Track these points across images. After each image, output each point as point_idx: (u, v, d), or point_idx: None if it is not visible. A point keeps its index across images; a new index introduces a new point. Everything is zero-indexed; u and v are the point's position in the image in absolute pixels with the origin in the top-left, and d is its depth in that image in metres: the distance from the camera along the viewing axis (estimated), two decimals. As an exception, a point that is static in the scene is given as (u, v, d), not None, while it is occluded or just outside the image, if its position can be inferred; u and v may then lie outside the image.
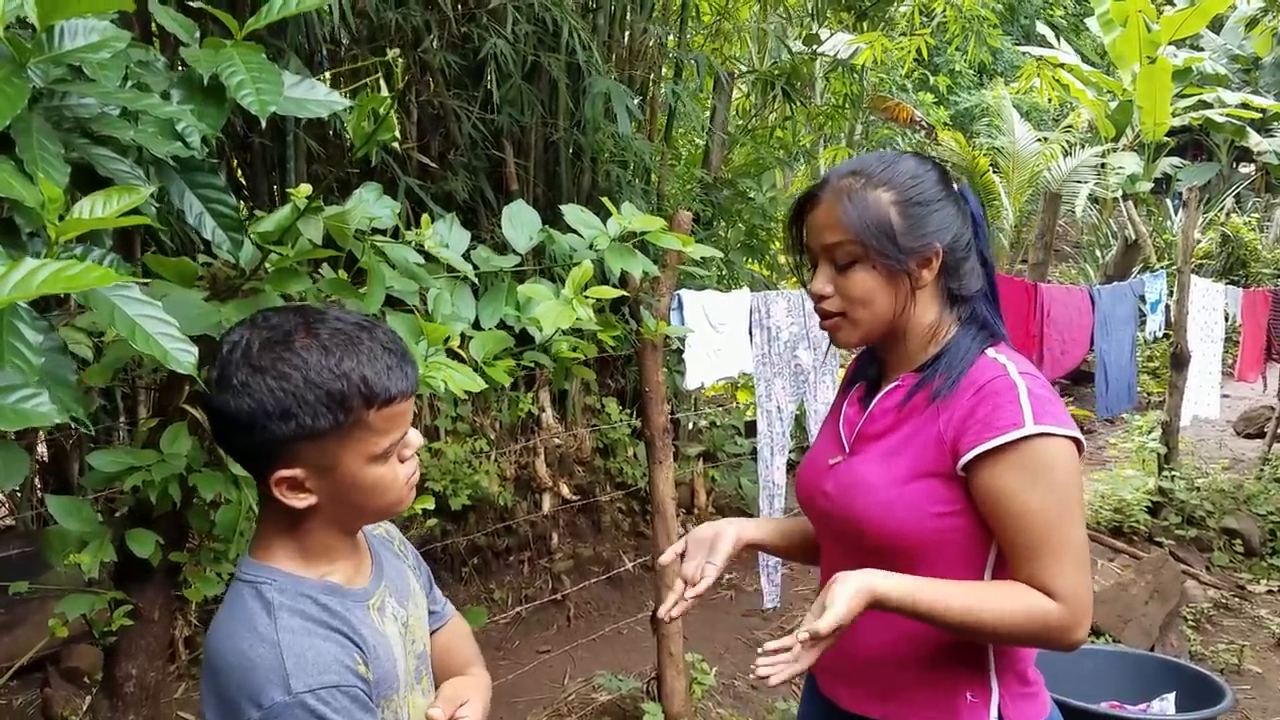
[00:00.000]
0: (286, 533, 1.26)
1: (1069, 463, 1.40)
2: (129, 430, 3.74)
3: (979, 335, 1.51)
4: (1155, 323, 6.20)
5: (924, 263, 1.49)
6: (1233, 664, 4.62)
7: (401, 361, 1.25)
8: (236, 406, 1.17)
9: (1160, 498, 6.10)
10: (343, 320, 1.24)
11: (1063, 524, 1.38)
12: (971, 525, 1.44)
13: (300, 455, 1.19)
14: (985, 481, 1.40)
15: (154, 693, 2.24)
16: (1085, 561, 1.40)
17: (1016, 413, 1.39)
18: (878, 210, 1.47)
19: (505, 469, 4.71)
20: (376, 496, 1.26)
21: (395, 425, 1.24)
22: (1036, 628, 1.37)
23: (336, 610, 1.25)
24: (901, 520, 1.44)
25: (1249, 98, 13.94)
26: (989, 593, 1.39)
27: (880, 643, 1.51)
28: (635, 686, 3.59)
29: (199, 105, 1.52)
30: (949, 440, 1.43)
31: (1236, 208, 14.68)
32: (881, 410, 1.55)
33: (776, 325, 3.78)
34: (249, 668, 1.16)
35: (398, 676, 1.31)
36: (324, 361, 1.18)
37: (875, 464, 1.50)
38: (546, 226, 2.24)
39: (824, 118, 7.13)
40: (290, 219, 1.80)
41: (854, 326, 1.52)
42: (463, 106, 4.31)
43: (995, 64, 17.43)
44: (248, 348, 1.19)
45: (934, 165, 1.55)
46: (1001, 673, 1.49)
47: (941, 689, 1.48)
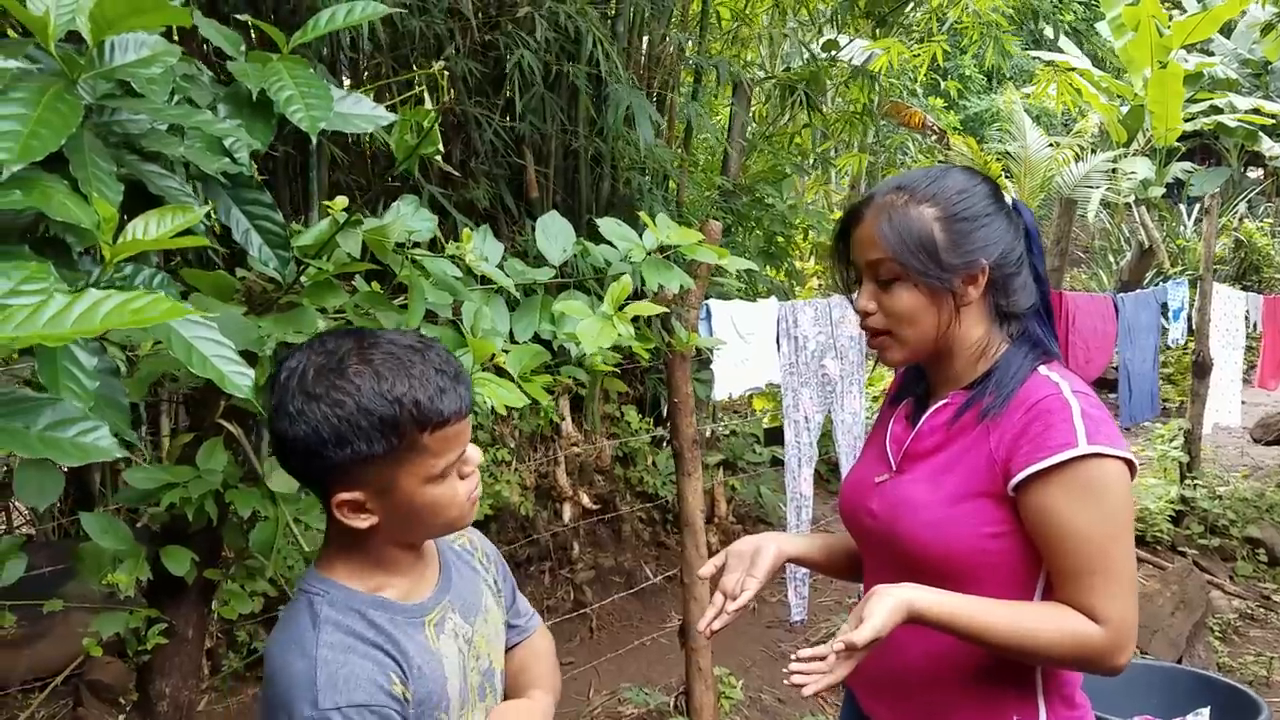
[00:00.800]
0: (348, 547, 1.29)
1: (1120, 484, 1.38)
2: (152, 439, 3.71)
3: (1031, 353, 1.48)
4: (1177, 330, 6.16)
5: (969, 279, 1.46)
6: (1262, 676, 4.57)
7: (455, 383, 1.25)
8: (294, 433, 1.19)
9: (1183, 506, 6.06)
10: (396, 343, 1.24)
11: (1113, 547, 1.36)
12: (1021, 547, 1.41)
13: (358, 478, 1.21)
14: (1035, 502, 1.37)
15: (187, 711, 2.21)
16: (1133, 586, 1.38)
17: (1069, 432, 1.36)
18: (920, 227, 1.44)
19: (526, 478, 4.68)
20: (436, 515, 1.27)
21: (450, 446, 1.24)
22: (1079, 651, 1.35)
23: (382, 626, 1.26)
24: (950, 541, 1.42)
25: (1260, 103, 13.89)
26: (1032, 613, 1.37)
27: (925, 661, 1.49)
28: (663, 701, 3.56)
29: (246, 120, 1.50)
30: (1000, 460, 1.40)
31: (1249, 213, 14.62)
32: (930, 428, 1.52)
33: (804, 335, 3.75)
34: (289, 681, 1.20)
35: (448, 695, 1.29)
36: (376, 387, 1.19)
37: (923, 483, 1.48)
38: (581, 239, 2.21)
39: (841, 124, 7.09)
40: (329, 233, 1.78)
41: (900, 345, 1.50)
42: (484, 114, 4.29)
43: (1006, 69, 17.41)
44: (303, 375, 1.21)
45: (984, 179, 1.53)
46: (1049, 695, 1.46)
47: (987, 710, 1.46)
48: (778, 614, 4.61)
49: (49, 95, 1.21)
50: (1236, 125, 13.74)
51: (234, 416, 2.04)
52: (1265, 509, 6.31)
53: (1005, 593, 1.41)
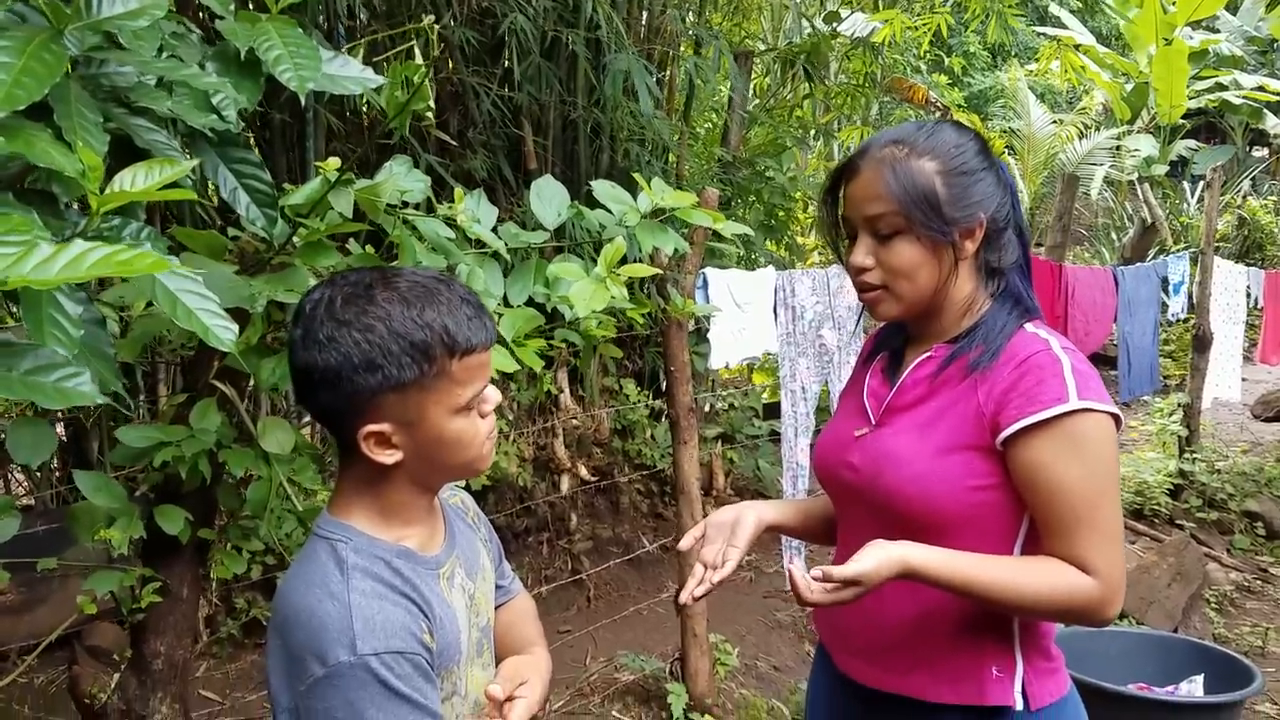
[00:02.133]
0: (367, 491, 1.27)
1: (1109, 439, 1.39)
2: (150, 407, 3.72)
3: (1015, 309, 1.49)
4: (1177, 304, 6.15)
5: (967, 233, 1.47)
6: (1257, 646, 4.59)
7: (480, 312, 1.26)
8: (324, 361, 1.18)
9: (1181, 480, 6.08)
10: (419, 274, 1.25)
11: (1101, 500, 1.37)
12: (1005, 499, 1.42)
13: (386, 408, 1.20)
14: (1025, 455, 1.38)
15: (182, 670, 2.23)
16: (1120, 538, 1.40)
17: (1060, 387, 1.37)
18: (923, 180, 1.44)
19: (524, 450, 4.69)
20: (460, 451, 1.26)
21: (476, 376, 1.25)
22: (1071, 603, 1.36)
23: (408, 576, 1.25)
24: (935, 493, 1.43)
25: (1266, 81, 13.79)
26: (1025, 567, 1.38)
27: (902, 617, 1.50)
28: (658, 667, 3.58)
29: (234, 79, 1.49)
30: (989, 413, 1.41)
31: (1253, 190, 14.56)
32: (913, 381, 1.52)
33: (801, 304, 3.74)
34: (318, 625, 1.17)
35: (460, 648, 1.31)
36: (406, 312, 1.19)
37: (907, 435, 1.48)
38: (576, 202, 2.21)
39: (843, 97, 7.05)
40: (320, 192, 1.77)
41: (896, 300, 1.50)
42: (482, 83, 4.27)
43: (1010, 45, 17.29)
44: (330, 303, 1.20)
45: (974, 135, 1.53)
46: (1026, 647, 1.48)
47: (966, 662, 1.47)
48: (775, 584, 4.63)
49: (34, 45, 1.20)
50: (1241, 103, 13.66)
51: (227, 377, 2.05)
52: (1264, 483, 6.32)
53: (985, 545, 1.42)
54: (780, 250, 6.37)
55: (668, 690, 3.35)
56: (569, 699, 3.53)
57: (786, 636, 4.15)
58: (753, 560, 5.12)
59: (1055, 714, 1.48)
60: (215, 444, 1.97)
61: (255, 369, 1.84)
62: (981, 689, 1.45)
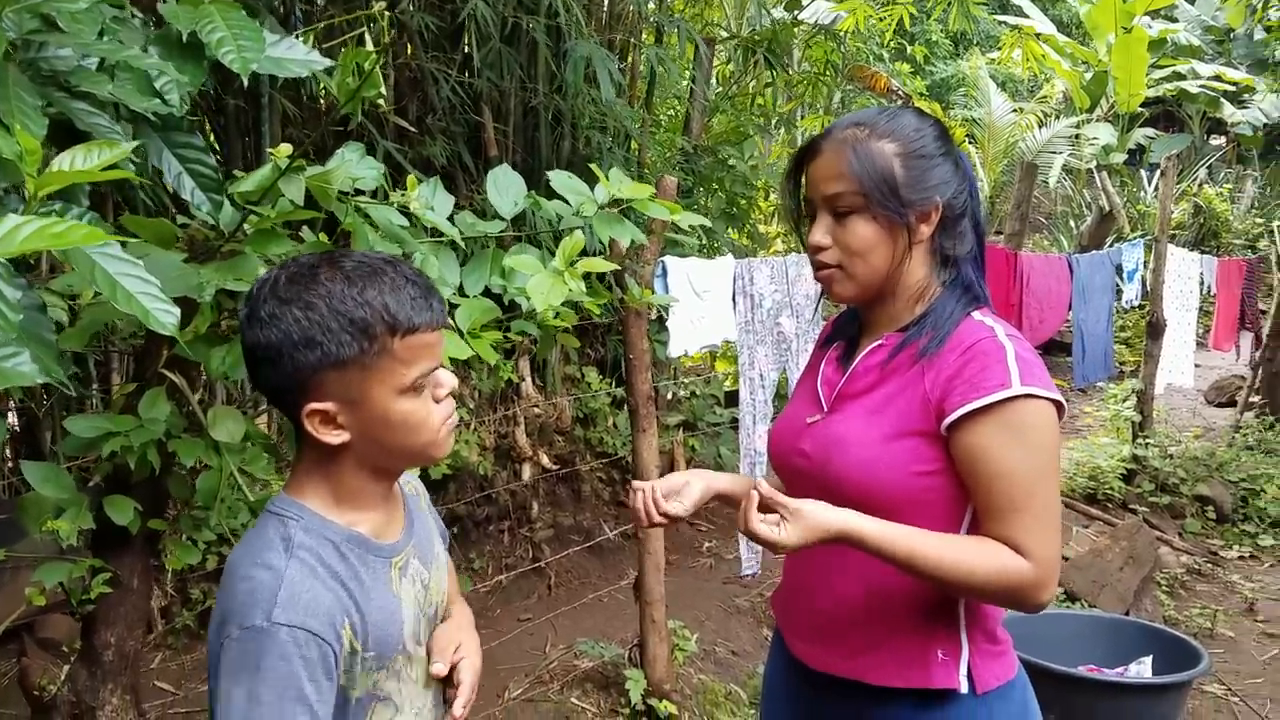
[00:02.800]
0: (319, 473, 1.27)
1: (1050, 425, 1.41)
2: (103, 398, 3.68)
3: (964, 297, 1.51)
4: (1131, 291, 6.24)
5: (923, 217, 1.49)
6: (1206, 628, 4.69)
7: (426, 293, 1.26)
8: (266, 338, 1.19)
9: (1134, 465, 6.18)
10: (368, 256, 1.26)
11: (1040, 485, 1.39)
12: (950, 485, 1.45)
13: (328, 387, 1.21)
14: (967, 440, 1.41)
15: (133, 661, 2.21)
16: (1058, 524, 1.42)
17: (1004, 374, 1.40)
18: (881, 160, 1.47)
19: (485, 438, 4.67)
20: (409, 435, 1.26)
21: (421, 356, 1.25)
22: (1005, 584, 1.38)
23: (353, 563, 1.25)
24: (881, 477, 1.45)
25: (1222, 70, 14.00)
26: (963, 545, 1.40)
27: (850, 601, 1.52)
28: (617, 654, 3.59)
29: (177, 62, 1.48)
30: (935, 399, 1.44)
31: (1208, 179, 14.78)
32: (864, 368, 1.55)
33: (759, 293, 3.76)
34: (247, 592, 1.18)
35: (402, 639, 1.30)
36: (347, 290, 1.20)
37: (856, 422, 1.51)
38: (532, 193, 2.20)
39: (804, 85, 7.07)
40: (271, 178, 1.75)
41: (850, 279, 1.52)
42: (441, 69, 4.24)
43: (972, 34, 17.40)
44: (275, 283, 1.22)
45: (934, 121, 1.55)
46: (971, 630, 1.50)
47: (912, 646, 1.49)
48: (733, 570, 4.66)
49: (-31, 28, 1.19)
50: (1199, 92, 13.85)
51: (177, 366, 2.02)
52: (1215, 468, 6.44)
53: (931, 530, 1.44)
54: (742, 239, 6.39)
55: (626, 677, 3.37)
56: (528, 686, 3.53)
57: (745, 622, 4.18)
58: (711, 547, 5.15)
59: (1002, 697, 1.50)
60: (165, 434, 1.95)
61: (204, 358, 1.82)
62: (927, 672, 1.47)
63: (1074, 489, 5.98)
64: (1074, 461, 6.30)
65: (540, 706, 3.39)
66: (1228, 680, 4.23)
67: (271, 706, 1.13)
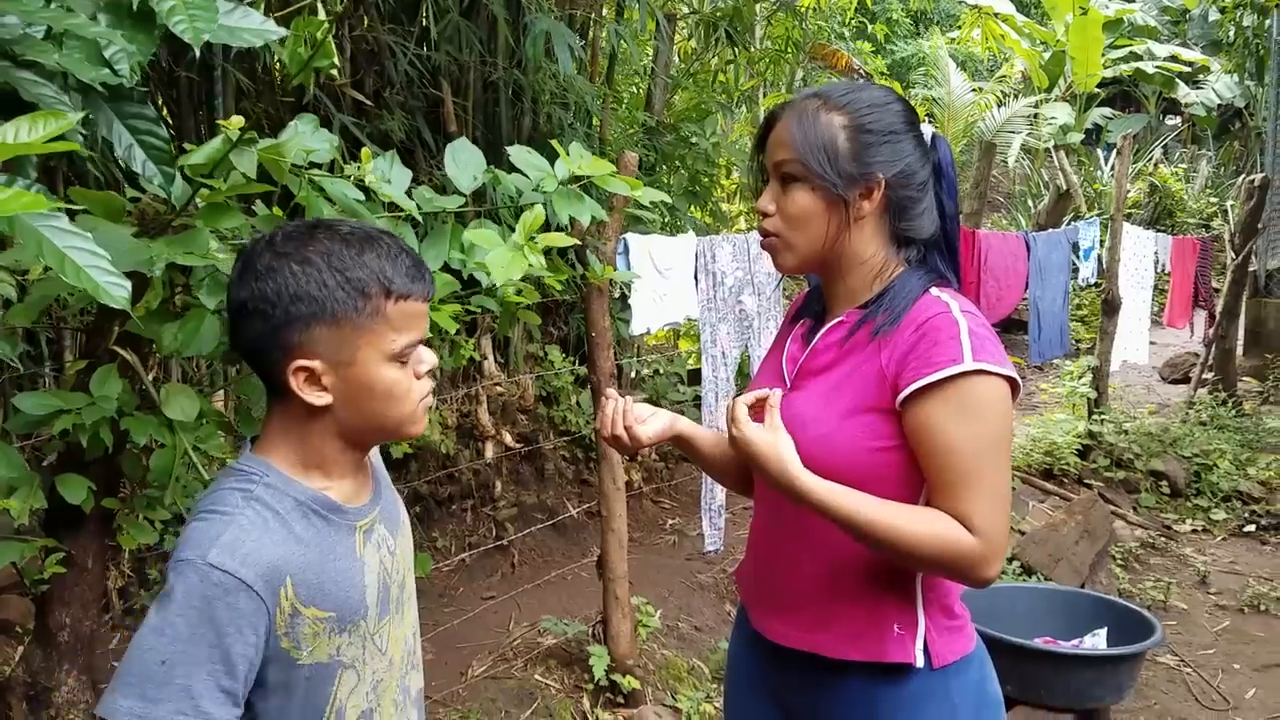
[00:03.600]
0: (293, 435, 1.27)
1: (1001, 401, 1.42)
2: (55, 376, 3.61)
3: (925, 276, 1.51)
4: (1087, 269, 6.31)
5: (864, 192, 1.49)
6: (1160, 601, 4.78)
7: (419, 266, 1.28)
8: (260, 290, 1.20)
9: (1090, 441, 6.27)
10: (362, 224, 1.28)
11: (987, 460, 1.39)
12: (907, 460, 1.45)
13: (318, 342, 1.21)
14: (918, 415, 1.41)
15: (89, 642, 2.18)
16: (1006, 501, 1.42)
17: (956, 349, 1.40)
18: (826, 131, 1.48)
19: (447, 417, 4.65)
20: (389, 405, 1.26)
21: (411, 325, 1.26)
22: (949, 556, 1.38)
23: (315, 524, 1.25)
24: (838, 454, 1.45)
25: (1178, 50, 14.16)
26: (909, 513, 1.41)
27: (810, 576, 1.53)
28: (581, 630, 3.60)
29: (128, 32, 1.44)
30: (890, 375, 1.44)
31: (1164, 158, 14.97)
32: (825, 345, 1.55)
33: (722, 270, 3.76)
34: (192, 531, 1.19)
35: (366, 604, 1.30)
36: (345, 250, 1.22)
37: (816, 399, 1.51)
38: (492, 167, 2.18)
39: (765, 62, 7.06)
40: (222, 151, 1.72)
41: (789, 249, 1.53)
42: (398, 42, 4.19)
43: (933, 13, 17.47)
44: (271, 240, 1.23)
45: (903, 102, 1.55)
46: (928, 605, 1.51)
47: (870, 621, 1.49)
48: (696, 547, 4.68)
49: (-95, -8, 1.15)
50: (1155, 72, 14.01)
51: (129, 343, 1.99)
52: (1169, 443, 6.56)
53: None
54: (705, 216, 6.38)
55: (590, 653, 3.38)
56: (491, 664, 3.54)
57: (708, 597, 4.20)
58: (675, 524, 5.17)
59: (959, 672, 1.51)
60: (117, 411, 1.92)
61: (156, 334, 1.79)
62: (883, 646, 1.48)
63: (1030, 464, 6.06)
64: (1030, 438, 6.39)
65: (504, 684, 3.40)
66: (1180, 651, 4.32)
67: (180, 641, 1.12)
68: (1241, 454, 6.54)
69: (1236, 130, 15.37)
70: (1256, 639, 4.47)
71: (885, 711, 1.49)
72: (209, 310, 1.75)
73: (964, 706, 1.50)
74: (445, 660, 3.61)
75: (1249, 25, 10.40)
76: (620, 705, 3.37)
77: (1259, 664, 4.23)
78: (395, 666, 1.39)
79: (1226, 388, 7.73)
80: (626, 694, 3.36)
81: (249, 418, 2.18)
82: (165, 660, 1.12)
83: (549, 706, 3.28)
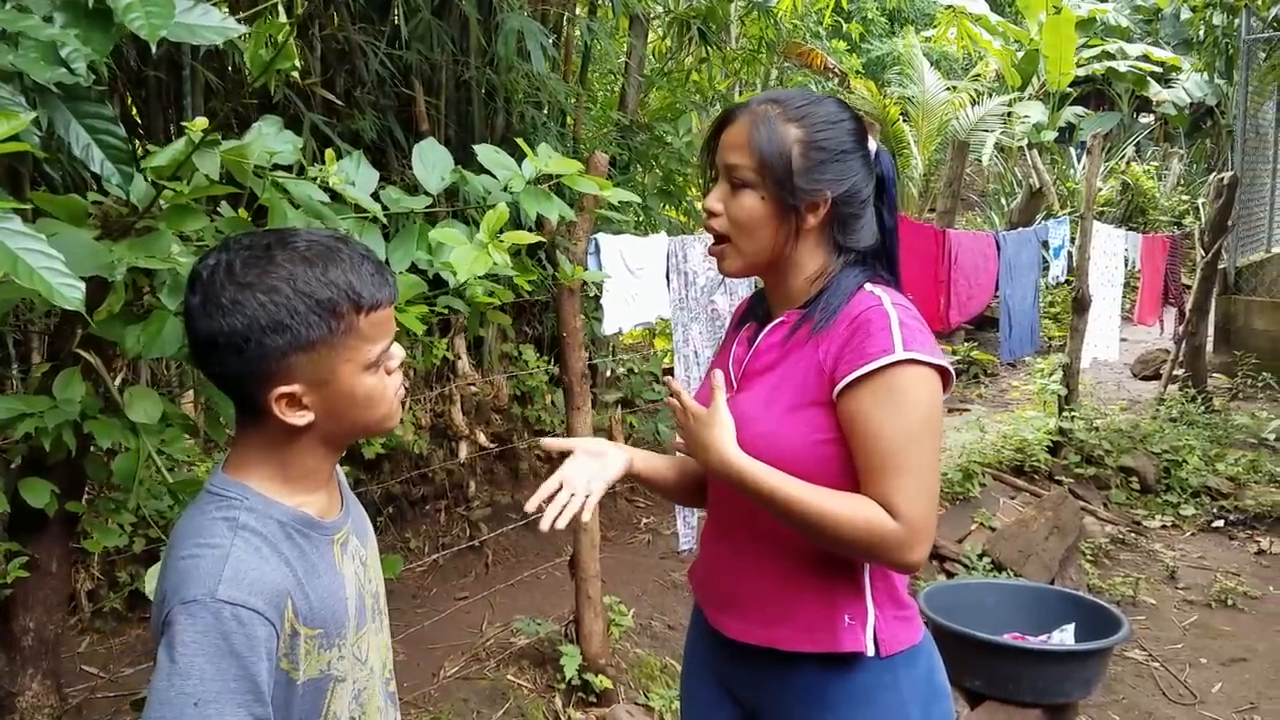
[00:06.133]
0: (272, 456, 1.26)
1: (928, 389, 1.45)
2: (23, 378, 3.58)
3: (861, 273, 1.55)
4: (1057, 268, 6.36)
5: (811, 207, 1.52)
6: (1129, 596, 4.82)
7: (381, 269, 1.26)
8: (230, 325, 1.17)
9: (1060, 438, 6.31)
10: (316, 234, 1.25)
11: (912, 447, 1.42)
12: (847, 452, 1.48)
13: (296, 369, 1.20)
14: (850, 405, 1.45)
15: (53, 646, 2.17)
16: (931, 488, 1.45)
17: (887, 340, 1.44)
18: (781, 143, 1.50)
19: (420, 417, 4.64)
20: (371, 409, 1.27)
21: (383, 332, 1.26)
22: (873, 539, 1.41)
23: (299, 543, 1.24)
24: (782, 448, 1.48)
25: (1150, 50, 14.30)
26: (834, 497, 1.43)
27: (763, 572, 1.57)
28: (553, 630, 3.60)
29: (84, 31, 1.43)
30: (828, 369, 1.47)
31: (1136, 157, 15.10)
32: (767, 346, 1.59)
33: (693, 270, 3.77)
34: (190, 566, 1.16)
35: (348, 616, 1.30)
36: (309, 271, 1.19)
37: (759, 397, 1.55)
38: (459, 167, 2.18)
39: (739, 62, 7.08)
40: (185, 153, 1.71)
41: (737, 254, 1.56)
42: (369, 41, 4.17)
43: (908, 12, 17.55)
44: (229, 267, 1.19)
45: (853, 117, 1.57)
46: (877, 595, 1.54)
47: (821, 613, 1.53)
48: (670, 546, 4.69)
49: None
50: (1127, 71, 14.15)
51: (93, 345, 1.98)
52: (1139, 439, 6.61)
53: None
54: (679, 216, 6.39)
55: (562, 652, 3.38)
56: (464, 664, 3.53)
57: (681, 596, 4.21)
58: (649, 523, 5.18)
59: (907, 661, 1.55)
60: (81, 414, 1.91)
61: (119, 337, 1.78)
62: (835, 636, 1.51)
63: (1001, 461, 6.10)
64: (1001, 434, 6.43)
65: (476, 684, 3.39)
66: (1149, 646, 4.36)
67: (208, 680, 1.11)
68: (1211, 450, 6.61)
69: (1208, 128, 15.54)
70: (1223, 633, 4.52)
71: (836, 702, 1.53)
72: (171, 312, 1.74)
73: (913, 697, 1.54)
74: (418, 661, 3.60)
75: (1219, 24, 10.50)
76: (592, 705, 3.37)
77: (1225, 658, 4.28)
78: (376, 675, 1.39)
79: (1197, 384, 7.80)
80: (599, 693, 3.37)
81: (216, 421, 2.17)
82: (198, 702, 1.11)
83: (521, 706, 3.28)
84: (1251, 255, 9.36)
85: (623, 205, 4.54)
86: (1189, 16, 12.22)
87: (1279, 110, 9.62)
